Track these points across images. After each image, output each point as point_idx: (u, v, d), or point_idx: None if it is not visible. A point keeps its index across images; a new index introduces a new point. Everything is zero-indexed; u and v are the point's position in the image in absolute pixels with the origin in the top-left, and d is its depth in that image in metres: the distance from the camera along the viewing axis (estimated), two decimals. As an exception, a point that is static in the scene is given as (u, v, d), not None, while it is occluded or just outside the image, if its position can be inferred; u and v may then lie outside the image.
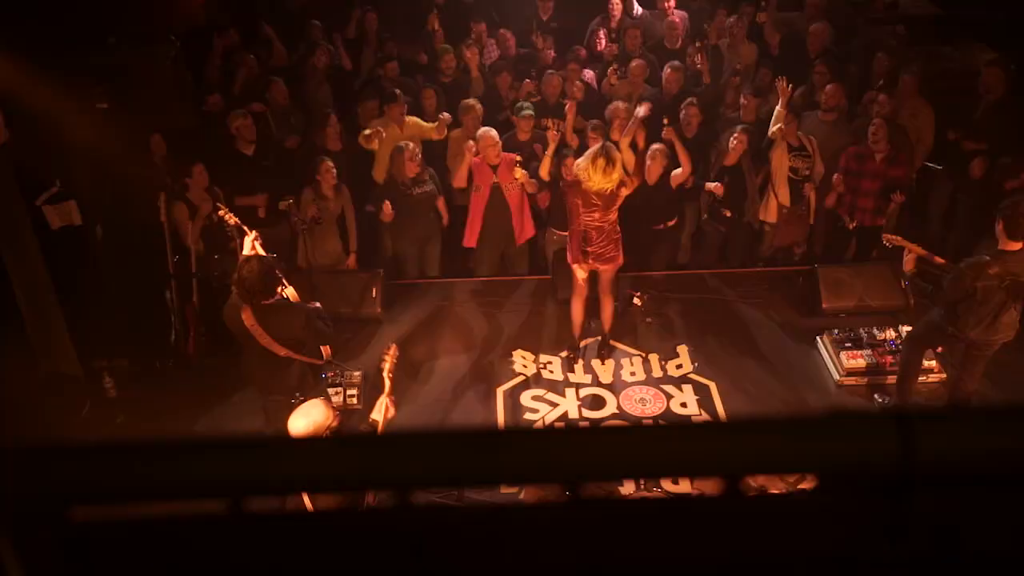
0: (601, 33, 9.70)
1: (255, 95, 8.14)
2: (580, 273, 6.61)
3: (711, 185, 7.46)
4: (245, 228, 5.43)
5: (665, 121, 7.29)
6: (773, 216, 7.70)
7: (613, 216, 6.38)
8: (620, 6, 9.97)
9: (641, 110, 6.91)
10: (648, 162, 7.13)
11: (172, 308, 6.60)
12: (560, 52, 9.45)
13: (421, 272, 7.86)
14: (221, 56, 8.37)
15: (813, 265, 7.44)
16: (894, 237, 6.35)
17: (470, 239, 7.62)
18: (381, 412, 4.60)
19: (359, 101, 8.12)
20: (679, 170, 7.23)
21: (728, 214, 7.63)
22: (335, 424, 4.16)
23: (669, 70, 8.27)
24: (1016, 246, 5.36)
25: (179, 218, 6.81)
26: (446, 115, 7.61)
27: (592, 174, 6.16)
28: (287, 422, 4.16)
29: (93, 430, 6.01)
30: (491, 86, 8.71)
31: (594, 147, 6.31)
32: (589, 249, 6.40)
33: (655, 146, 7.24)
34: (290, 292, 5.32)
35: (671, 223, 7.62)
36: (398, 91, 7.67)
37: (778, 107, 7.35)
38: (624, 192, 6.32)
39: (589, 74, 9.25)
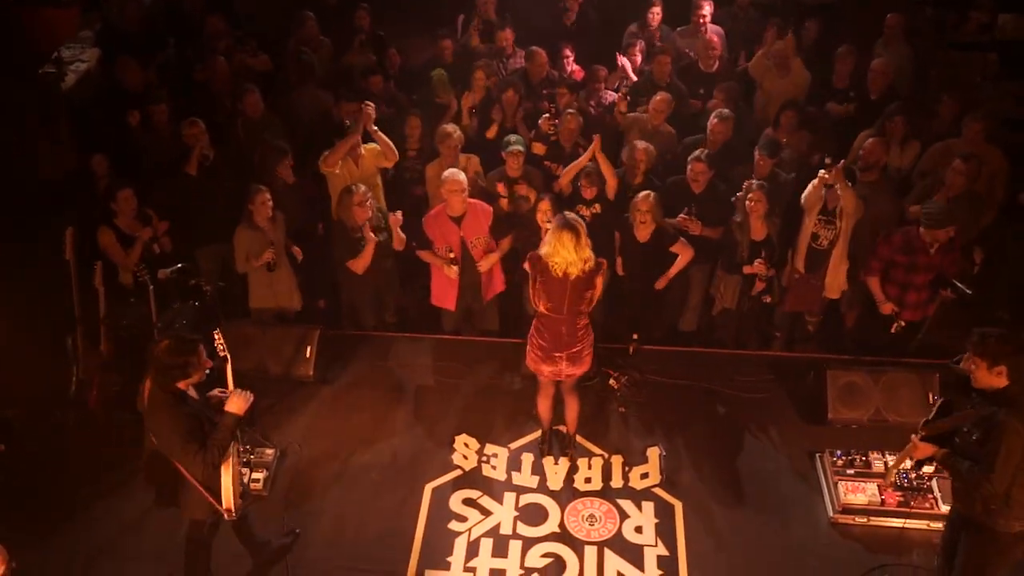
0: (638, 48, 8.50)
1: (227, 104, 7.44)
2: (542, 377, 5.60)
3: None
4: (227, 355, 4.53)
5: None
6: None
7: (583, 314, 5.28)
8: (660, 15, 8.76)
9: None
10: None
11: (73, 356, 5.90)
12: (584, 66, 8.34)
13: (379, 319, 6.95)
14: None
15: (825, 364, 6.24)
16: None
17: (440, 300, 6.64)
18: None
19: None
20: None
21: (768, 300, 6.55)
22: None
23: (716, 120, 6.94)
24: None
25: (110, 248, 6.20)
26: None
27: (558, 248, 5.02)
28: None
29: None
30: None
31: (556, 219, 5.21)
32: (555, 353, 5.31)
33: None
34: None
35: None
36: (348, 122, 6.70)
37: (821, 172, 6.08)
38: (599, 282, 5.24)
39: (611, 95, 8.11)
